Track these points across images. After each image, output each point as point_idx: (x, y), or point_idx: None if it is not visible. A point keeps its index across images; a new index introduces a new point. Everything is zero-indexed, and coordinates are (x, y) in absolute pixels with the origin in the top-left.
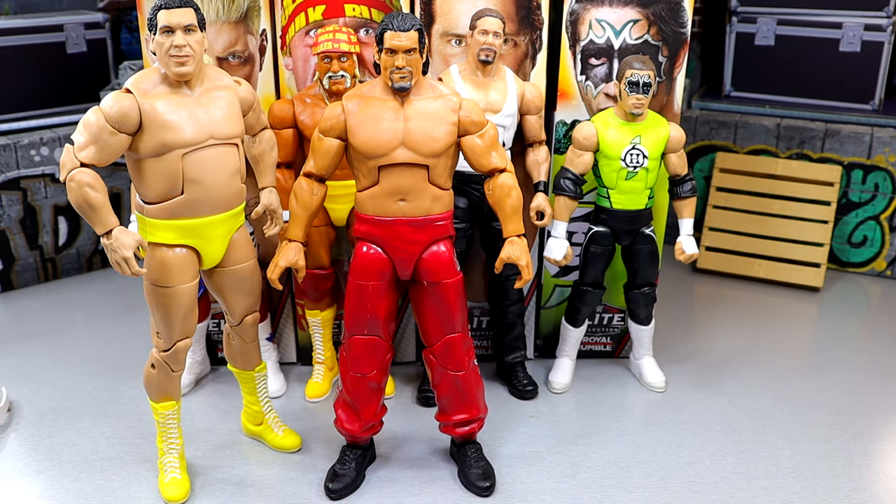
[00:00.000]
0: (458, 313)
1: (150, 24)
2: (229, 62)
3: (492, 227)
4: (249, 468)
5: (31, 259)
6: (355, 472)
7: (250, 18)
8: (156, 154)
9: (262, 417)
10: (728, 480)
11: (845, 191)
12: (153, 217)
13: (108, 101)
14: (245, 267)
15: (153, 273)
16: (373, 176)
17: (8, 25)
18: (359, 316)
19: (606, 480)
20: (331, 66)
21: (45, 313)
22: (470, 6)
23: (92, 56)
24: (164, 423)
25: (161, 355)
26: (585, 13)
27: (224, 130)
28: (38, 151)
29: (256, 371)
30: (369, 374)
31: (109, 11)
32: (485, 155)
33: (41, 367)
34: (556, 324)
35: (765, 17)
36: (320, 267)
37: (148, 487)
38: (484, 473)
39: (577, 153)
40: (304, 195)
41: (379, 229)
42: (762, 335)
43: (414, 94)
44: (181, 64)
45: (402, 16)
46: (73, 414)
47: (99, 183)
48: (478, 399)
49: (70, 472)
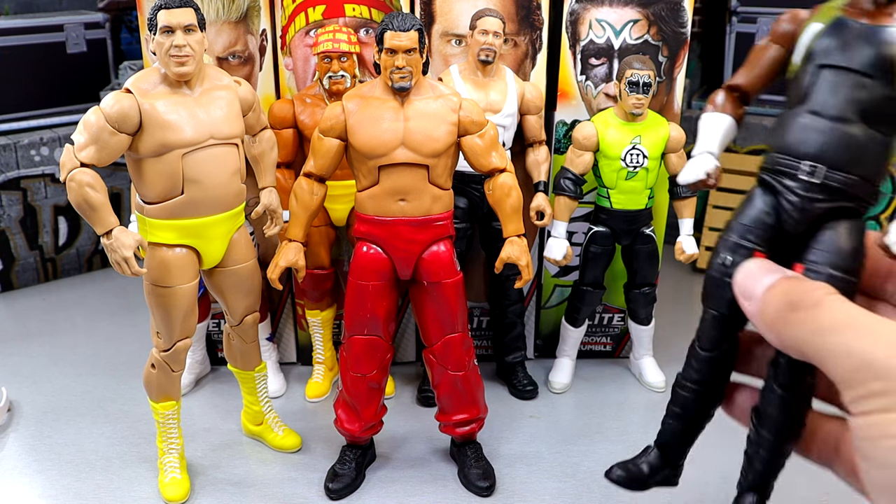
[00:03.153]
0: (458, 313)
1: (150, 23)
2: (229, 62)
3: (492, 227)
4: (249, 468)
5: (31, 259)
6: (355, 472)
7: (250, 18)
8: (156, 154)
9: (262, 417)
10: (729, 480)
11: None
12: (153, 217)
13: (108, 100)
14: (245, 267)
15: (153, 273)
16: (373, 176)
17: (8, 25)
18: (359, 316)
19: (606, 481)
20: (331, 66)
21: (45, 313)
22: (470, 6)
23: (92, 56)
24: (164, 423)
25: (161, 355)
26: (585, 13)
27: (224, 130)
28: (38, 151)
29: (256, 371)
30: (369, 374)
31: (109, 11)
32: (485, 155)
33: (41, 367)
34: (556, 324)
35: (765, 17)
36: (320, 267)
37: (148, 487)
38: (484, 473)
39: (577, 153)
40: (304, 195)
41: (379, 229)
42: None
43: (414, 94)
44: (181, 64)
45: (402, 16)
46: (73, 414)
47: (99, 183)
48: (478, 399)
49: (70, 471)
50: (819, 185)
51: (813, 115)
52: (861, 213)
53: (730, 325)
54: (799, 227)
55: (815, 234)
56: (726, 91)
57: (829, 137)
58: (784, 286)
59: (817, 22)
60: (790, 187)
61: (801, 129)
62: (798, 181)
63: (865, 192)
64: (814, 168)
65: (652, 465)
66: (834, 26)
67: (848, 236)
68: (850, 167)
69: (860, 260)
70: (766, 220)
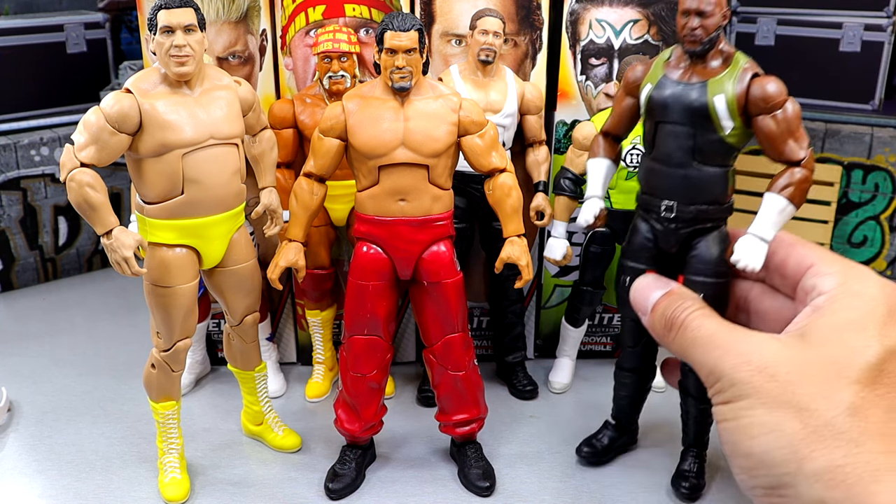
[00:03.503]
0: (458, 313)
1: (151, 24)
2: (229, 62)
3: (492, 227)
4: (250, 468)
5: (31, 259)
6: (355, 472)
7: (250, 18)
8: (156, 154)
9: (262, 417)
10: (728, 479)
11: (845, 191)
12: (153, 217)
13: (108, 101)
14: (245, 267)
15: (153, 273)
16: (373, 176)
17: (8, 25)
18: (359, 316)
19: (606, 480)
20: (331, 65)
21: (45, 313)
22: (470, 6)
23: (92, 56)
24: (165, 423)
25: (161, 355)
26: (585, 13)
27: (224, 130)
28: (38, 151)
29: (256, 371)
30: (369, 373)
31: (109, 11)
32: (485, 155)
33: (41, 367)
34: (556, 324)
35: (765, 17)
36: (320, 267)
37: (148, 487)
38: (484, 473)
39: (577, 153)
40: (305, 195)
41: (379, 229)
42: None
43: (414, 94)
44: (181, 64)
45: (403, 16)
46: (73, 414)
47: (99, 183)
48: (478, 399)
49: (70, 471)
50: (676, 218)
51: (661, 164)
52: (721, 225)
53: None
54: (673, 248)
55: (688, 250)
56: (602, 136)
57: (675, 181)
58: (662, 307)
59: (648, 83)
60: (657, 220)
61: (655, 175)
62: (661, 216)
63: (716, 213)
64: (669, 205)
65: (611, 437)
66: (659, 87)
67: (713, 247)
68: (696, 200)
69: (727, 262)
70: (648, 245)
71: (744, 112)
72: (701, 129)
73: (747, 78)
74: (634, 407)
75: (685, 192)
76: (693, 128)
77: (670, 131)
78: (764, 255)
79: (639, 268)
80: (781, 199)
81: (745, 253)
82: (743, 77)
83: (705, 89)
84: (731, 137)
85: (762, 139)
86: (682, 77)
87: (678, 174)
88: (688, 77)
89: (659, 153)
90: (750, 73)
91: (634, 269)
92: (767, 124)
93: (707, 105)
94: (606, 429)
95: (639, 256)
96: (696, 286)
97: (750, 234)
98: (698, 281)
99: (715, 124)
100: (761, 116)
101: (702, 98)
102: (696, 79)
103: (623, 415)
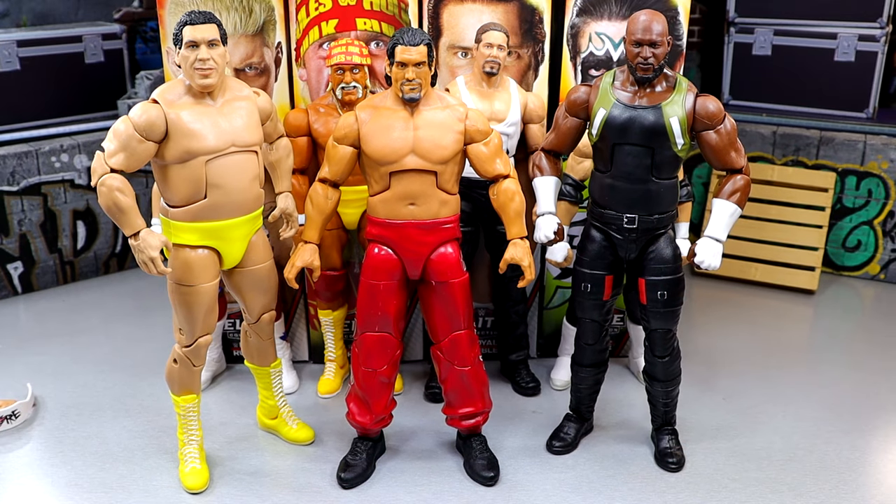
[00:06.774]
0: (464, 311)
1: (176, 38)
2: (246, 73)
3: (496, 230)
4: (265, 459)
5: (50, 262)
6: (366, 463)
7: (266, 32)
8: (181, 161)
9: (276, 411)
10: (721, 472)
11: (839, 196)
12: (177, 220)
13: (136, 110)
14: (263, 267)
15: (177, 272)
16: (384, 181)
17: (29, 37)
18: (370, 314)
19: (605, 472)
20: (343, 77)
21: (65, 314)
22: (475, 20)
23: (109, 66)
24: (185, 415)
25: (183, 350)
26: (585, 27)
27: (244, 138)
28: (58, 158)
29: (272, 367)
30: (380, 368)
31: (125, 22)
32: (489, 162)
33: (63, 365)
34: (558, 324)
35: (762, 28)
36: (333, 268)
37: (169, 477)
38: (489, 464)
39: (578, 160)
40: (320, 199)
41: (390, 232)
42: (758, 336)
43: (423, 105)
44: (205, 76)
45: (412, 31)
46: (95, 408)
47: (128, 187)
48: (483, 393)
49: (94, 462)
50: (637, 228)
51: (622, 181)
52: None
53: (600, 326)
54: (632, 254)
55: (645, 254)
56: (544, 154)
57: (636, 196)
58: None
59: (601, 108)
60: (619, 231)
61: (615, 192)
62: (623, 227)
63: (668, 220)
64: (632, 218)
65: (575, 428)
66: (613, 112)
67: (666, 249)
68: (655, 211)
69: (679, 258)
70: (605, 253)
71: (691, 129)
72: (659, 147)
73: (691, 98)
74: (592, 398)
75: (646, 205)
76: (651, 147)
77: (629, 151)
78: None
79: (597, 274)
80: (730, 204)
81: (706, 254)
82: (688, 98)
83: (660, 112)
84: (682, 152)
85: (707, 151)
86: (632, 101)
87: (639, 189)
88: (637, 100)
89: (619, 171)
90: (693, 94)
91: (594, 275)
92: (712, 138)
93: (665, 125)
94: (569, 421)
95: (596, 264)
96: (657, 284)
97: (707, 236)
98: (659, 280)
99: (671, 142)
100: (706, 132)
101: (659, 120)
102: (645, 101)
103: (583, 406)
